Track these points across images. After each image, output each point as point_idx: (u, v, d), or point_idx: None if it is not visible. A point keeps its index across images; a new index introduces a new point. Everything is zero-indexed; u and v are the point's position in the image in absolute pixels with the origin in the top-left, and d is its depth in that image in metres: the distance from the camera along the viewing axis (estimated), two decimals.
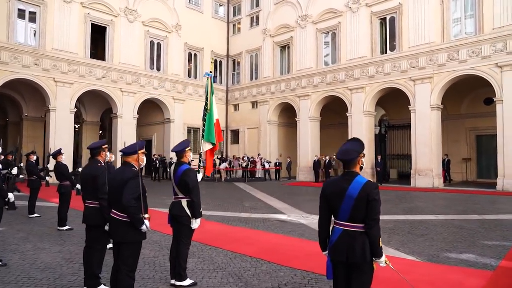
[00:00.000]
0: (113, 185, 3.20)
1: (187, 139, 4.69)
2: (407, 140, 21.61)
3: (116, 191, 3.12)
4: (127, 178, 3.08)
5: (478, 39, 15.59)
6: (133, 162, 3.26)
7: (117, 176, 3.22)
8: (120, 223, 3.13)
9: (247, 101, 25.28)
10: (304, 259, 5.35)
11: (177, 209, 4.09)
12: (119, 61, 20.59)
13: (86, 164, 4.90)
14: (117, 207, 3.16)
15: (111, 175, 3.38)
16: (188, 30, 23.82)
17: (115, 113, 20.72)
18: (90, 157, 4.07)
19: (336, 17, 20.49)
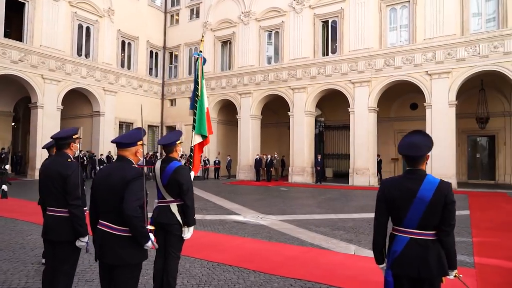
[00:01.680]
0: (104, 188, 2.39)
1: (179, 130, 3.95)
2: (342, 140, 22.61)
3: (110, 196, 2.33)
4: (129, 179, 2.33)
5: (411, 48, 16.75)
6: (130, 157, 2.49)
7: (112, 175, 2.40)
8: (116, 240, 2.33)
9: (185, 96, 24.13)
10: (291, 266, 4.92)
11: (165, 216, 3.35)
12: (40, 44, 18.08)
13: (48, 158, 3.87)
14: (113, 218, 2.35)
15: (100, 174, 2.54)
16: (122, 16, 21.93)
17: (34, 103, 18.16)
18: (55, 150, 3.12)
19: (279, 16, 20.52)
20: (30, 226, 7.29)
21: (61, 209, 2.85)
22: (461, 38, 15.74)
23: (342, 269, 4.85)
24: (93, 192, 2.51)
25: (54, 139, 2.97)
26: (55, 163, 2.94)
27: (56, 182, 2.84)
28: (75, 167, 2.90)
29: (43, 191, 2.98)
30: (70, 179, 2.83)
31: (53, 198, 2.89)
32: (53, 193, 2.87)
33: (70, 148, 3.00)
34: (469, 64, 15.55)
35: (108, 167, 2.62)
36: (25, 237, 6.27)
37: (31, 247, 5.59)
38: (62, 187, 2.83)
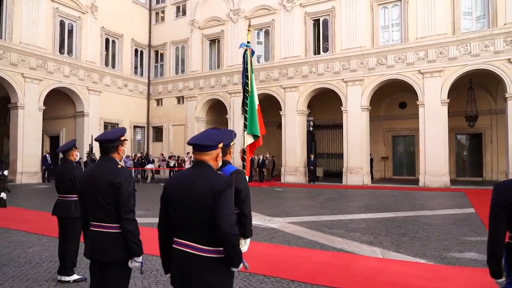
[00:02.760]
0: (187, 200, 1.94)
1: (231, 130, 3.56)
2: (332, 139, 22.61)
3: (194, 211, 1.91)
4: (220, 189, 1.90)
5: (403, 46, 16.84)
6: (211, 162, 2.03)
7: (196, 185, 1.94)
8: (203, 263, 1.90)
9: (172, 96, 23.52)
10: (328, 273, 4.63)
11: None
12: (20, 41, 17.10)
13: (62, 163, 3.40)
14: (199, 237, 1.92)
15: (175, 183, 2.08)
16: (106, 13, 21.10)
17: (14, 103, 17.16)
18: (100, 154, 2.64)
19: (269, 14, 20.25)
20: (27, 236, 6.70)
21: (111, 224, 2.43)
22: (452, 37, 15.92)
23: (382, 275, 4.59)
24: (166, 205, 2.07)
25: (101, 141, 2.51)
26: (102, 169, 2.49)
27: (106, 192, 2.40)
28: (128, 174, 2.48)
29: (87, 203, 2.52)
30: (123, 189, 2.41)
31: (101, 212, 2.44)
32: (101, 205, 2.42)
33: (118, 152, 2.57)
34: (460, 63, 15.75)
35: (185, 175, 2.07)
36: (26, 250, 5.71)
37: (37, 261, 5.06)
38: (113, 198, 2.41)
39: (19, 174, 16.99)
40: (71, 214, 4.11)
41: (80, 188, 2.56)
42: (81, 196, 2.58)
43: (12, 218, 8.32)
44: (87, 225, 2.57)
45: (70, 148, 4.20)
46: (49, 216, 9.10)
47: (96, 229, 2.46)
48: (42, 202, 11.56)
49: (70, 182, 4.11)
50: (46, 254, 5.45)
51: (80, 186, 2.57)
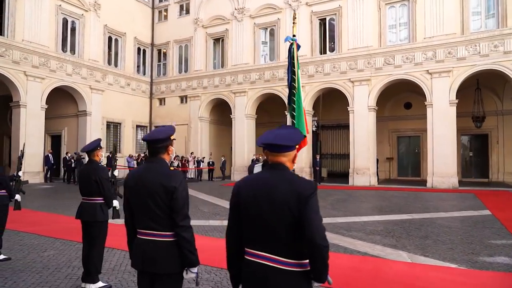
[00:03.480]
0: (264, 207, 1.72)
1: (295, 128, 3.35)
2: (336, 140, 22.47)
3: (275, 219, 1.70)
4: (307, 194, 1.69)
5: (411, 46, 16.68)
6: (288, 164, 1.84)
7: (277, 190, 1.72)
8: (286, 277, 1.70)
9: (175, 95, 23.27)
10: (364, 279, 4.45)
11: None
12: (22, 39, 16.81)
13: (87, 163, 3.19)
14: (280, 248, 1.71)
15: (250, 188, 1.85)
16: (109, 11, 20.83)
17: (16, 102, 16.86)
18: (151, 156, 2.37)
19: (275, 13, 20.05)
20: (38, 239, 6.47)
21: (164, 232, 2.20)
22: (461, 37, 15.78)
23: (420, 281, 4.41)
24: (238, 212, 1.86)
25: (150, 141, 2.27)
26: (152, 172, 2.25)
27: (159, 197, 2.18)
28: (182, 177, 2.26)
29: (134, 209, 2.29)
30: (178, 193, 2.18)
31: (152, 219, 2.20)
32: (152, 212, 2.19)
33: (168, 152, 2.35)
34: (469, 63, 15.61)
35: (260, 179, 1.83)
36: (40, 254, 5.48)
37: (55, 267, 4.83)
38: (166, 204, 2.19)
39: (21, 174, 16.64)
40: (97, 218, 3.89)
41: (126, 193, 2.34)
42: (127, 202, 2.36)
43: (20, 220, 8.06)
44: (133, 233, 2.36)
45: (95, 148, 3.98)
46: (56, 217, 8.92)
47: (146, 237, 2.23)
48: (46, 203, 11.32)
49: (96, 184, 3.89)
50: (62, 258, 5.22)
51: (126, 190, 2.34)
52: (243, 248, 1.86)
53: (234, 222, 1.88)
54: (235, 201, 1.88)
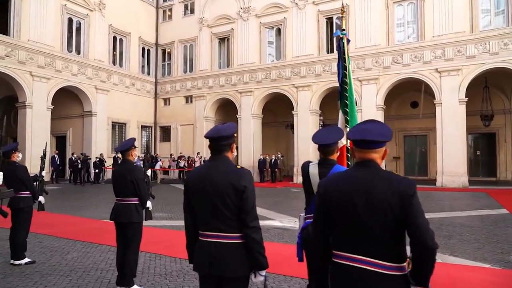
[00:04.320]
0: (361, 206, 1.61)
1: (337, 127, 3.25)
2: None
3: (374, 220, 1.60)
4: (411, 193, 1.59)
5: (420, 45, 16.60)
6: (378, 160, 1.73)
7: (375, 189, 1.61)
8: (386, 283, 1.60)
9: (180, 95, 23.15)
10: None
11: None
12: (28, 38, 16.68)
13: (121, 163, 3.07)
14: (381, 251, 1.60)
15: (336, 187, 1.74)
16: (114, 10, 20.70)
17: (22, 102, 16.72)
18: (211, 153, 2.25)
19: (281, 12, 19.94)
20: (58, 241, 6.35)
21: (232, 234, 2.09)
22: (470, 35, 15.70)
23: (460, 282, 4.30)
24: (326, 212, 1.74)
25: (213, 138, 2.13)
26: (218, 171, 2.13)
27: (228, 197, 2.06)
28: (250, 175, 2.15)
29: (197, 210, 2.17)
30: (248, 193, 2.08)
31: (219, 220, 2.09)
32: (220, 213, 2.08)
33: (232, 150, 2.24)
34: (479, 62, 15.53)
35: (352, 178, 1.70)
36: (64, 256, 5.36)
37: (82, 270, 4.71)
38: (235, 204, 2.08)
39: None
40: (133, 219, 3.78)
41: (190, 194, 2.22)
42: (188, 203, 2.25)
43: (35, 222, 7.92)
44: (194, 236, 2.25)
45: (130, 147, 3.86)
46: (70, 219, 8.79)
47: (213, 240, 2.11)
48: (56, 204, 11.18)
49: (132, 184, 3.77)
50: (88, 261, 5.10)
51: (188, 190, 2.23)
52: (330, 251, 1.75)
53: (323, 225, 1.77)
54: (323, 202, 1.76)
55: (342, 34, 4.06)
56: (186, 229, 2.28)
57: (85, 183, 17.94)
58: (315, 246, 1.81)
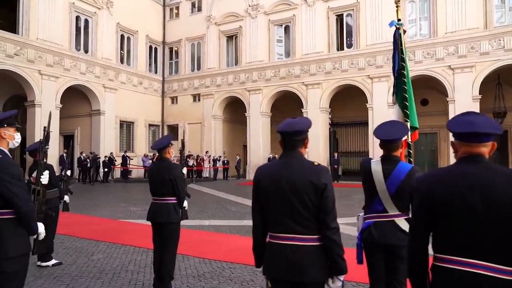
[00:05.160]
0: (482, 207, 1.46)
1: (399, 121, 3.10)
2: (350, 137, 22.13)
3: (497, 223, 1.44)
4: None
5: (432, 41, 16.40)
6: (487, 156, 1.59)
7: (497, 188, 1.46)
8: None
9: (187, 94, 23.01)
10: None
11: (392, 236, 2.52)
12: (37, 37, 16.55)
13: (157, 161, 2.93)
14: (499, 255, 1.45)
15: (442, 185, 1.55)
16: (121, 8, 20.56)
17: (31, 101, 16.61)
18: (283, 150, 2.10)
19: (290, 9, 19.75)
20: (80, 242, 6.21)
21: (310, 236, 1.93)
22: (484, 31, 15.48)
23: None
24: (428, 214, 1.58)
25: (288, 133, 1.97)
26: (294, 168, 1.97)
27: (307, 196, 1.90)
28: (329, 173, 1.99)
29: (270, 210, 2.00)
30: (328, 191, 1.92)
31: (296, 220, 1.93)
32: (297, 212, 1.92)
33: (305, 146, 2.08)
34: (493, 58, 15.32)
35: (458, 174, 1.55)
36: (89, 257, 5.22)
37: (112, 272, 4.57)
38: (314, 204, 1.92)
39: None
40: (171, 219, 3.63)
41: (261, 193, 2.06)
42: (257, 202, 2.09)
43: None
44: (263, 238, 2.09)
45: (167, 145, 3.71)
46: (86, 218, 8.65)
47: (287, 242, 1.95)
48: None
49: (170, 183, 3.62)
50: (115, 262, 4.96)
51: (259, 189, 2.07)
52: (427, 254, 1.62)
53: (425, 227, 1.61)
54: (425, 201, 1.59)
55: (398, 24, 3.86)
56: (255, 230, 2.12)
57: (95, 182, 17.82)
58: (416, 249, 1.65)
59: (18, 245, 2.27)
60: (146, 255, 5.32)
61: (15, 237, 2.26)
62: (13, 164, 2.32)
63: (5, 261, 2.21)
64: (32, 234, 2.38)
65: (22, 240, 2.30)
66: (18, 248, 2.27)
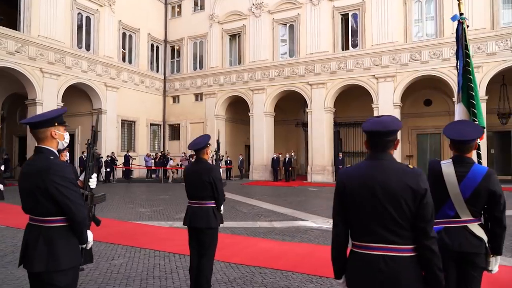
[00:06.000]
0: None
1: (470, 122, 2.94)
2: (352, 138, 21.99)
3: None
4: None
5: (439, 42, 16.32)
6: None
7: None
8: None
9: (189, 93, 22.77)
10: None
11: (467, 243, 2.37)
12: (38, 34, 16.24)
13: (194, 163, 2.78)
14: None
15: None
16: (123, 6, 20.28)
17: (32, 100, 16.29)
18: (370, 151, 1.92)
19: (295, 8, 19.59)
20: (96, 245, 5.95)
21: (405, 245, 1.76)
22: (491, 32, 15.43)
23: None
24: None
25: (379, 133, 1.81)
26: (390, 171, 1.80)
27: (405, 202, 1.74)
28: (425, 176, 1.82)
29: (362, 216, 1.82)
30: (428, 198, 1.74)
31: (389, 229, 1.76)
32: (392, 220, 1.75)
33: (395, 148, 1.91)
34: (500, 59, 15.28)
35: None
36: (110, 262, 5.02)
37: (138, 278, 4.38)
38: (412, 211, 1.75)
39: None
40: (211, 224, 3.44)
41: (345, 197, 1.89)
42: (341, 207, 1.92)
43: None
44: (345, 247, 1.93)
45: (205, 145, 3.53)
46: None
47: (380, 252, 1.78)
48: None
49: (210, 186, 3.43)
50: (139, 268, 4.77)
51: (345, 194, 1.90)
52: None
53: None
54: None
55: (462, 18, 3.70)
56: (336, 238, 1.95)
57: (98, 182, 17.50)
58: None
59: (71, 256, 2.08)
60: (169, 260, 5.14)
61: (68, 248, 2.08)
62: (66, 167, 2.14)
63: (58, 274, 2.02)
64: (83, 243, 2.19)
65: (75, 251, 2.12)
66: (71, 259, 2.08)
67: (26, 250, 2.06)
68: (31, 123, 2.17)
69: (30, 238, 2.07)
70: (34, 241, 2.04)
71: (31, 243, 2.05)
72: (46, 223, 2.07)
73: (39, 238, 2.04)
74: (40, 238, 2.03)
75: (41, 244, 2.02)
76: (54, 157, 2.15)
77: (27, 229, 2.16)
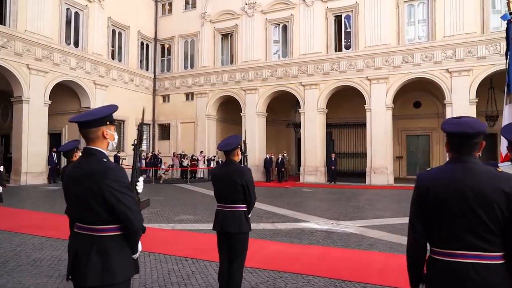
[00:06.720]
0: None
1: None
2: (344, 138, 22.20)
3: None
4: None
5: (431, 45, 16.59)
6: None
7: None
8: None
9: (180, 92, 22.44)
10: None
11: None
12: (25, 29, 15.67)
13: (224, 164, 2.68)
14: None
15: None
16: (113, 2, 19.81)
17: (18, 97, 15.70)
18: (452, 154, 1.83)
19: (288, 9, 19.56)
20: None
21: (495, 253, 1.65)
22: (481, 36, 15.77)
23: None
24: None
25: (467, 135, 1.73)
26: (477, 174, 1.70)
27: (498, 206, 1.64)
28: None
29: (450, 221, 1.72)
30: None
31: (479, 235, 1.66)
32: (484, 225, 1.66)
33: (479, 150, 1.82)
34: (490, 62, 15.61)
35: None
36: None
37: (156, 284, 4.20)
38: (505, 216, 1.65)
39: (24, 175, 15.57)
40: (243, 229, 3.31)
41: (430, 201, 1.79)
42: (422, 211, 1.82)
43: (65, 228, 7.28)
44: (424, 254, 1.83)
45: (236, 146, 3.39)
46: None
47: (469, 260, 1.69)
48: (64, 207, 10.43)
49: (242, 189, 3.29)
50: (153, 273, 4.59)
51: (429, 197, 1.79)
52: None
53: None
54: None
55: None
56: (415, 245, 1.85)
57: None
58: None
59: (125, 268, 1.91)
60: (182, 265, 4.97)
61: (122, 259, 1.91)
62: (122, 170, 1.97)
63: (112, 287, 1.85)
64: (135, 253, 2.02)
65: (128, 262, 1.95)
66: (126, 271, 1.91)
67: (76, 262, 1.88)
68: (83, 122, 1.99)
69: (80, 249, 1.89)
70: (85, 252, 1.87)
71: (82, 254, 1.87)
72: (98, 232, 1.89)
73: (92, 249, 1.86)
74: (93, 249, 1.86)
75: (94, 255, 1.85)
76: (107, 160, 1.98)
77: (74, 238, 1.98)
